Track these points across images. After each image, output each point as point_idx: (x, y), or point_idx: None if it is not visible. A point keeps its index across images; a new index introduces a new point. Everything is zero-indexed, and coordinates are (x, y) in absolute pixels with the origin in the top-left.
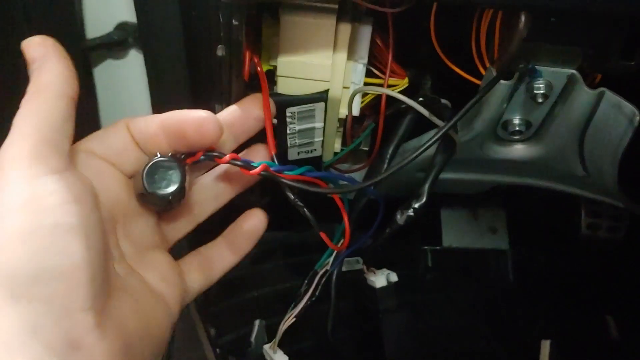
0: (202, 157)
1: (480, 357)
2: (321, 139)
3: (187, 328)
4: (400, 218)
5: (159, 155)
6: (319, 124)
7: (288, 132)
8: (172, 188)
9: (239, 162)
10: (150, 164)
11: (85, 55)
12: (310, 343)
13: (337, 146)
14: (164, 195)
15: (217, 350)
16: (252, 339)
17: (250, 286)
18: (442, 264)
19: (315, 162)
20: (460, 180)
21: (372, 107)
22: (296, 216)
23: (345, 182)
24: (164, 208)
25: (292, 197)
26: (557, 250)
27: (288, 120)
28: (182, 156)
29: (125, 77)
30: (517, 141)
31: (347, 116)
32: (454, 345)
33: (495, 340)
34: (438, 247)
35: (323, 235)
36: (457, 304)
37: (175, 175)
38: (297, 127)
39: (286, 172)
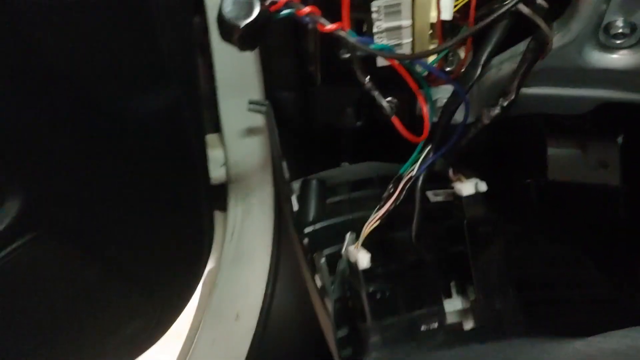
0: (284, 6)
1: (575, 283)
2: (410, 40)
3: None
4: (486, 116)
5: None
6: (405, 22)
7: (375, 30)
8: (246, 20)
9: (316, 17)
10: None
11: None
12: (394, 249)
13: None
14: (236, 23)
15: (308, 256)
16: (343, 250)
17: (345, 211)
18: (546, 198)
19: None
20: (561, 96)
21: (466, 16)
22: (395, 147)
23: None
24: (237, 41)
25: (366, 82)
26: None
27: (374, 16)
28: (267, 2)
29: None
30: (622, 47)
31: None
32: (546, 270)
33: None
34: (543, 181)
35: (396, 120)
36: (558, 234)
37: (254, 11)
38: (384, 25)
39: (362, 42)
